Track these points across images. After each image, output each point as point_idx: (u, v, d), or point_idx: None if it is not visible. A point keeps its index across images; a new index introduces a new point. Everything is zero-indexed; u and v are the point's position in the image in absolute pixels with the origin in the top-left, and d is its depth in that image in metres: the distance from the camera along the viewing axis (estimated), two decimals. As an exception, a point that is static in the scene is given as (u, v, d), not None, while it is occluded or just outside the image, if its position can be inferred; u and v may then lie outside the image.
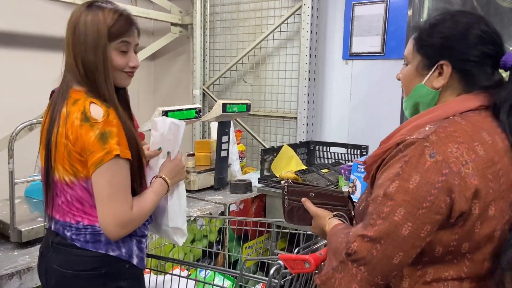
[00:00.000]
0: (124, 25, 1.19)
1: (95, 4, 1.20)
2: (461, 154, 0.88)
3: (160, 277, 1.72)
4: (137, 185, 1.23)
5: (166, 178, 1.30)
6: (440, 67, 0.98)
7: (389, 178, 0.91)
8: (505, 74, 1.01)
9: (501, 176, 0.91)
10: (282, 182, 1.26)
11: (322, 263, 1.08)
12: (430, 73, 1.00)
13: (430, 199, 0.86)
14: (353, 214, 1.20)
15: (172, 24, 3.65)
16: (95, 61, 1.16)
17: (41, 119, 1.37)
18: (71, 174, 1.16)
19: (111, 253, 1.22)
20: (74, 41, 1.17)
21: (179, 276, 1.38)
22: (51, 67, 3.24)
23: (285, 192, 1.25)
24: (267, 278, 1.14)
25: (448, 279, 0.94)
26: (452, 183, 0.86)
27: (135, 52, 1.26)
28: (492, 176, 0.90)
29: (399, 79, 1.11)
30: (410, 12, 2.62)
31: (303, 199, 1.22)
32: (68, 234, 1.23)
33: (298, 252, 1.17)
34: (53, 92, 2.25)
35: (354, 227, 1.00)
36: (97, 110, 1.13)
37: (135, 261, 1.26)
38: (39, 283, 1.60)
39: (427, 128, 0.92)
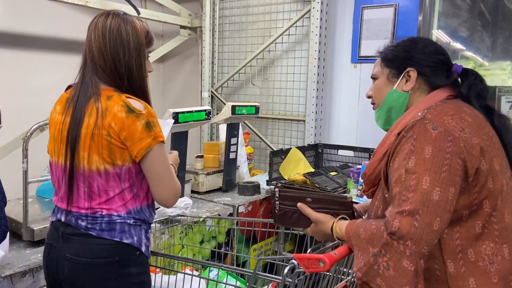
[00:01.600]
0: (152, 37, 1.38)
1: (123, 15, 1.33)
2: (456, 123, 1.04)
3: (171, 277, 1.73)
4: None
5: (174, 165, 1.49)
6: (407, 73, 1.20)
7: (404, 158, 1.03)
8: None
9: (491, 136, 1.08)
10: (272, 187, 1.25)
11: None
12: (399, 79, 1.21)
13: (447, 162, 0.99)
14: (358, 214, 1.22)
15: (181, 27, 3.68)
16: (138, 65, 1.32)
17: None
18: (108, 163, 1.26)
19: (125, 241, 1.29)
20: (114, 47, 1.29)
21: (192, 275, 1.39)
22: (61, 69, 3.28)
23: (277, 197, 1.25)
24: (280, 277, 1.15)
25: (489, 254, 1.02)
26: (459, 147, 1.00)
27: None
28: (486, 136, 1.06)
29: (369, 97, 1.33)
30: (420, 17, 2.63)
31: (299, 204, 1.23)
32: (83, 223, 1.29)
33: (310, 252, 1.18)
34: (69, 86, 2.28)
35: (386, 211, 1.05)
36: (137, 103, 1.28)
37: (143, 249, 1.34)
38: (51, 281, 1.62)
39: (419, 114, 1.08)
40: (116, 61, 1.29)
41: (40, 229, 1.77)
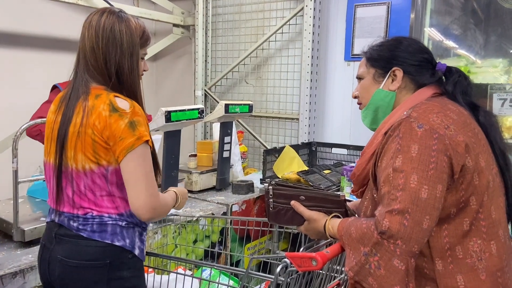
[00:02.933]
0: (147, 37, 1.36)
1: (119, 13, 1.30)
2: (441, 120, 1.04)
3: (164, 277, 1.72)
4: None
5: (179, 196, 1.45)
6: (393, 73, 1.21)
7: (391, 157, 1.03)
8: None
9: (477, 133, 1.09)
10: (266, 185, 1.26)
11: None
12: (386, 79, 1.22)
13: (433, 160, 0.99)
14: (351, 212, 1.21)
15: (174, 25, 3.66)
16: (131, 66, 1.29)
17: (45, 119, 1.43)
18: (92, 162, 1.23)
19: (116, 243, 1.26)
20: (107, 46, 1.26)
21: (184, 274, 1.38)
22: (53, 67, 3.26)
23: (271, 195, 1.25)
24: (273, 276, 1.14)
25: (476, 250, 1.03)
26: (444, 144, 1.01)
27: None
28: (471, 133, 1.07)
29: (355, 97, 1.33)
30: (412, 15, 2.63)
31: (292, 202, 1.22)
32: (75, 224, 1.27)
33: (303, 251, 1.17)
34: (54, 86, 2.26)
35: (376, 211, 1.05)
36: (123, 102, 1.24)
37: (137, 252, 1.31)
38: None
39: (405, 113, 1.08)
40: (107, 60, 1.26)
41: (31, 230, 1.75)
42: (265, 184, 2.65)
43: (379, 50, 1.25)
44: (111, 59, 1.26)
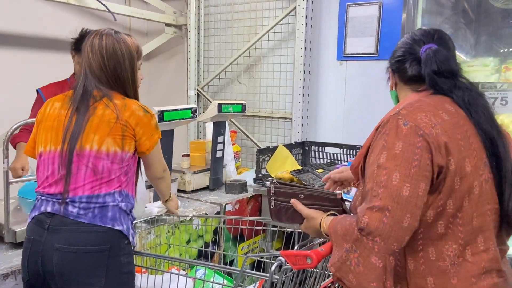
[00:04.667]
0: (141, 50, 1.61)
1: (115, 34, 1.52)
2: (429, 119, 1.02)
3: (158, 277, 1.71)
4: None
5: (172, 195, 1.91)
6: (390, 73, 1.26)
7: (377, 153, 1.02)
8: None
9: (469, 136, 1.06)
10: (267, 183, 1.27)
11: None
12: (389, 79, 1.28)
13: (417, 158, 0.98)
14: (348, 211, 1.21)
15: (166, 24, 3.65)
16: (132, 77, 1.54)
17: (33, 119, 1.57)
18: (118, 146, 1.44)
19: (117, 227, 1.37)
20: (113, 64, 1.49)
21: (178, 274, 1.38)
22: (43, 67, 3.23)
23: (272, 193, 1.25)
24: (267, 275, 1.14)
25: (451, 255, 1.01)
26: (428, 142, 0.99)
27: None
28: (461, 135, 1.04)
29: None
30: (404, 15, 2.65)
31: (292, 201, 1.23)
32: (74, 210, 1.34)
33: (298, 249, 1.17)
34: (36, 91, 2.38)
35: (359, 207, 1.05)
36: (147, 108, 1.55)
37: (131, 238, 1.44)
38: (34, 284, 1.59)
39: (397, 109, 1.09)
40: (115, 76, 1.50)
41: (23, 231, 1.73)
42: (258, 184, 2.65)
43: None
44: (118, 74, 1.50)
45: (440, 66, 1.11)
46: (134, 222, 1.53)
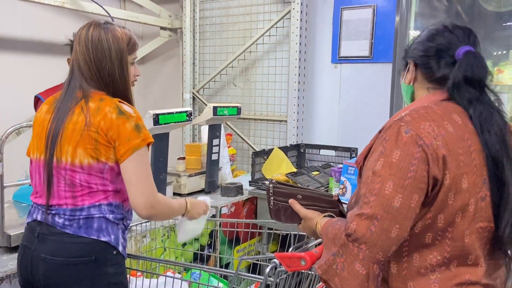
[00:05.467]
0: (135, 43, 1.43)
1: (105, 24, 1.38)
2: (432, 129, 0.97)
3: (153, 280, 1.71)
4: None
5: (188, 204, 1.53)
6: (409, 66, 1.16)
7: (375, 159, 0.99)
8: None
9: (472, 151, 0.99)
10: (267, 182, 1.27)
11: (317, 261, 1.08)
12: (405, 72, 1.17)
13: (413, 168, 0.95)
14: (345, 213, 1.21)
15: (162, 28, 3.65)
16: (120, 72, 1.37)
17: (31, 122, 1.49)
18: (92, 157, 1.29)
19: (102, 238, 1.30)
20: (97, 56, 1.34)
21: (173, 277, 1.38)
22: (37, 71, 3.21)
23: (271, 193, 1.26)
24: (262, 277, 1.15)
25: (434, 264, 0.99)
26: (427, 153, 0.95)
27: None
28: (462, 150, 0.98)
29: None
30: (397, 18, 2.67)
31: (290, 201, 1.23)
32: (60, 221, 1.29)
33: (292, 251, 1.18)
34: (36, 98, 2.31)
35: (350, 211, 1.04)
36: (127, 107, 1.34)
37: (120, 248, 1.35)
38: (29, 288, 1.58)
39: (403, 114, 1.04)
40: (100, 69, 1.34)
41: (17, 235, 1.72)
42: (254, 187, 2.66)
43: (411, 42, 1.19)
44: (103, 68, 1.34)
45: (475, 74, 1.02)
46: (130, 225, 1.47)
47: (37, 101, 2.39)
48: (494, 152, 1.00)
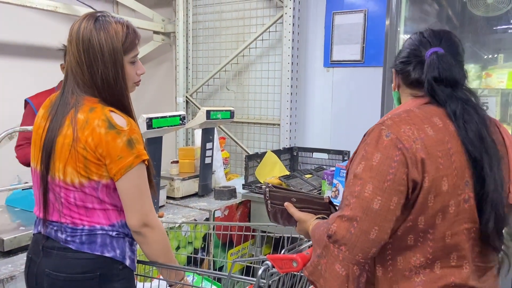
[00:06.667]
0: (134, 39, 1.25)
1: (99, 18, 1.22)
2: (412, 133, 0.99)
3: (146, 284, 1.71)
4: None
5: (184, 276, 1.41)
6: (393, 73, 1.19)
7: (357, 163, 1.01)
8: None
9: (452, 154, 1.00)
10: (263, 186, 1.29)
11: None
12: (392, 79, 1.20)
13: (392, 171, 0.96)
14: None
15: (155, 32, 3.66)
16: (115, 76, 1.22)
17: (24, 127, 1.41)
18: (83, 176, 1.19)
19: (107, 254, 1.24)
20: (88, 58, 1.20)
21: (167, 281, 1.38)
22: (30, 76, 3.20)
23: (267, 196, 1.28)
24: (255, 279, 1.16)
25: (418, 266, 1.00)
26: (406, 156, 0.97)
27: None
28: (442, 153, 0.99)
29: None
30: (387, 22, 2.71)
31: (285, 204, 1.25)
32: (63, 236, 1.23)
33: (285, 253, 1.20)
34: (25, 101, 2.23)
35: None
36: (120, 119, 1.20)
37: (128, 262, 1.28)
38: (22, 292, 1.58)
39: (385, 118, 1.06)
40: (92, 73, 1.21)
41: (10, 239, 1.72)
42: (247, 190, 2.66)
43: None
44: (95, 72, 1.20)
45: (441, 73, 1.05)
46: None
47: (26, 105, 2.39)
48: (473, 151, 1.00)
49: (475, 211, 1.02)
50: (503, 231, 1.05)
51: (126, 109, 1.27)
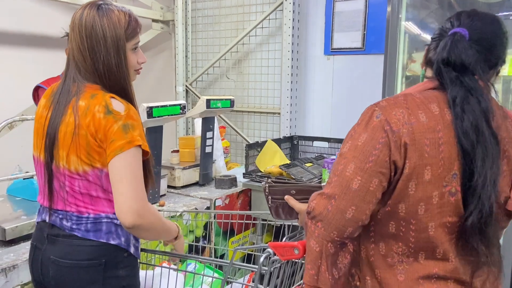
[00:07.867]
0: (135, 26, 1.27)
1: (102, 6, 1.24)
2: (403, 117, 0.96)
3: (149, 272, 1.72)
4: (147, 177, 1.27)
5: (180, 231, 1.44)
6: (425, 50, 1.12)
7: (345, 142, 1.02)
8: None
9: (441, 144, 0.96)
10: (263, 183, 1.29)
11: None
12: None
13: (375, 153, 0.96)
14: None
15: (154, 20, 3.63)
16: (117, 62, 1.23)
17: (23, 116, 1.40)
18: (86, 164, 1.20)
19: (112, 242, 1.24)
20: (91, 44, 1.21)
21: (169, 268, 1.39)
22: (30, 65, 3.19)
23: (267, 192, 1.29)
24: (256, 267, 1.17)
25: (400, 253, 1.00)
26: (390, 139, 0.95)
27: None
28: (430, 141, 0.95)
29: None
30: (389, 9, 2.68)
31: (285, 197, 1.25)
32: (68, 224, 1.24)
33: (286, 241, 1.20)
34: (37, 87, 2.20)
35: None
36: (118, 104, 1.21)
37: (132, 250, 1.29)
38: (24, 281, 1.59)
39: (382, 100, 1.03)
40: (95, 60, 1.22)
41: (12, 229, 1.73)
42: (248, 179, 2.67)
43: None
44: (98, 58, 1.21)
45: (450, 55, 0.99)
46: None
47: (37, 89, 2.33)
48: (464, 142, 0.95)
49: (461, 206, 0.97)
50: (492, 234, 0.99)
51: (127, 96, 1.27)
